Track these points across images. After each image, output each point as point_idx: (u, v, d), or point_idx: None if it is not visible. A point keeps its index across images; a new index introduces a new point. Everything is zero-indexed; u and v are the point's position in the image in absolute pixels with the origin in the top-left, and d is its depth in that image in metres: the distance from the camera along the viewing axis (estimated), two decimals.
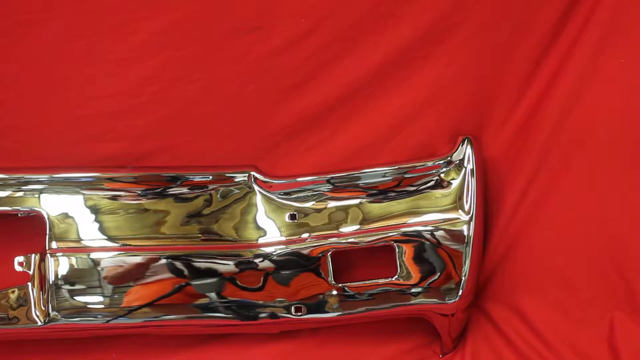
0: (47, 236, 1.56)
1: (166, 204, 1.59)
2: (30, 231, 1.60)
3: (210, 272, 1.58)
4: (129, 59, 1.57)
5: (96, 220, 1.58)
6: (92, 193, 1.58)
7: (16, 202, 1.57)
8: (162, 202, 1.59)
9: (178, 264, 1.57)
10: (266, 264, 1.57)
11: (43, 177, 1.58)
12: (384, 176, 1.61)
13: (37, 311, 1.56)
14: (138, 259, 1.57)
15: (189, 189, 1.59)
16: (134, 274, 1.57)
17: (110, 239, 1.57)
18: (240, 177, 1.60)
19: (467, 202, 1.58)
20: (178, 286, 1.57)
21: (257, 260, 1.57)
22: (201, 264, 1.57)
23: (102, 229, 1.58)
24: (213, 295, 1.57)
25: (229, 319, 1.59)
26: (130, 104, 1.59)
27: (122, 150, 1.61)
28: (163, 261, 1.57)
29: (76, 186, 1.58)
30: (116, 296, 1.56)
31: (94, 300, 1.56)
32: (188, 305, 1.57)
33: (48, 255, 1.55)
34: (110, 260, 1.56)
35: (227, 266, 1.57)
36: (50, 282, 1.55)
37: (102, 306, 1.56)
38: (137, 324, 1.57)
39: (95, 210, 1.58)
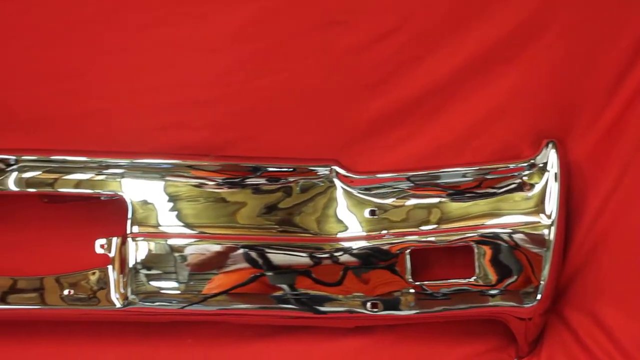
0: (129, 220, 1.56)
1: (245, 194, 1.59)
2: (111, 215, 1.61)
3: (286, 264, 1.58)
4: (215, 49, 1.58)
5: (175, 206, 1.59)
6: (172, 180, 1.59)
7: (97, 185, 1.59)
8: (241, 191, 1.60)
9: (254, 254, 1.57)
10: (345, 258, 1.57)
11: (124, 161, 1.59)
12: (464, 176, 1.60)
13: (116, 294, 1.57)
14: (214, 247, 1.57)
15: (268, 180, 1.60)
16: (210, 262, 1.57)
17: (188, 226, 1.58)
18: (322, 171, 1.60)
19: (549, 206, 1.56)
20: (253, 276, 1.57)
21: (336, 255, 1.57)
22: (278, 255, 1.57)
23: (180, 216, 1.58)
24: (289, 286, 1.57)
25: (304, 311, 1.58)
26: (214, 93, 1.60)
27: (205, 138, 1.61)
28: (239, 250, 1.57)
29: (157, 172, 1.59)
30: (192, 283, 1.56)
31: (170, 285, 1.57)
32: (263, 295, 1.58)
33: (129, 239, 1.56)
34: (186, 247, 1.57)
35: (305, 259, 1.57)
36: (130, 266, 1.56)
37: (177, 292, 1.56)
38: (212, 311, 1.58)
39: (174, 196, 1.59)
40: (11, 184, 1.58)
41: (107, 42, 1.57)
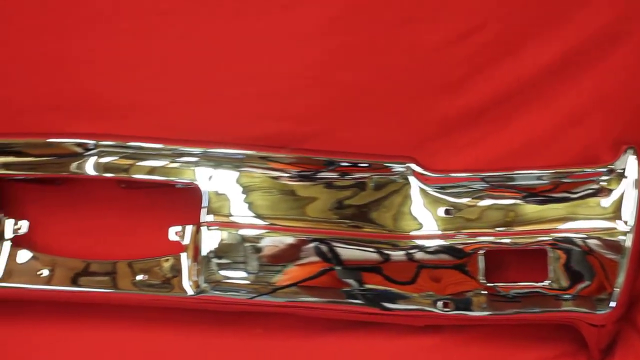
0: (204, 209, 1.57)
1: (317, 188, 1.59)
2: (185, 203, 1.62)
3: (357, 259, 1.57)
4: (297, 41, 1.58)
5: (247, 197, 1.59)
6: (245, 170, 1.59)
7: (172, 173, 1.59)
8: (313, 185, 1.60)
9: (324, 248, 1.57)
10: (418, 256, 1.56)
11: (197, 150, 1.60)
12: (540, 179, 1.59)
13: (189, 281, 1.58)
14: (285, 240, 1.57)
15: (342, 174, 1.60)
16: (280, 254, 1.57)
17: (259, 217, 1.58)
18: (398, 168, 1.59)
19: (626, 212, 1.54)
20: (323, 270, 1.57)
21: (409, 252, 1.57)
22: (348, 250, 1.57)
23: (252, 207, 1.59)
24: (358, 282, 1.57)
25: (373, 308, 1.58)
26: (296, 85, 1.60)
27: (283, 130, 1.62)
28: (309, 244, 1.57)
29: (230, 162, 1.59)
30: (261, 274, 1.56)
31: (240, 275, 1.57)
32: (332, 289, 1.57)
33: (204, 227, 1.56)
34: (257, 238, 1.57)
35: (377, 255, 1.57)
36: (204, 254, 1.56)
37: (247, 282, 1.57)
38: (281, 303, 1.58)
39: (247, 187, 1.59)
40: (89, 169, 1.60)
41: (192, 31, 1.58)
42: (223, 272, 1.57)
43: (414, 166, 1.60)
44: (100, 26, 1.59)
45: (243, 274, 1.57)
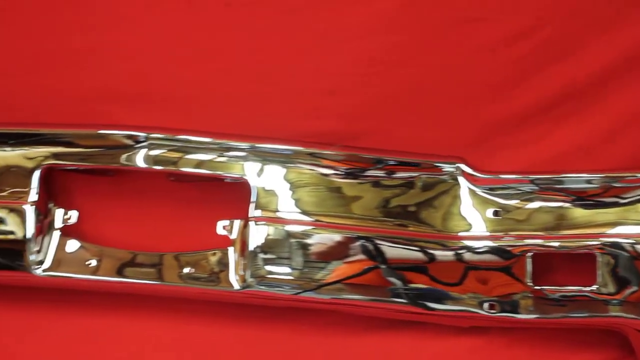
0: (252, 204, 1.57)
1: (365, 185, 1.59)
2: (232, 197, 1.63)
3: (403, 258, 1.57)
4: (351, 39, 1.58)
5: (294, 193, 1.59)
6: (294, 166, 1.59)
7: (219, 167, 1.60)
8: (361, 182, 1.59)
9: (370, 246, 1.56)
10: (466, 257, 1.56)
11: (245, 145, 1.60)
12: (590, 183, 1.58)
13: (235, 275, 1.58)
14: (330, 236, 1.57)
15: (390, 173, 1.59)
16: (325, 251, 1.57)
17: (305, 213, 1.58)
18: (447, 168, 1.59)
19: None
20: (367, 268, 1.57)
21: (457, 253, 1.56)
22: (394, 248, 1.57)
23: (298, 203, 1.59)
24: (404, 281, 1.56)
25: (418, 307, 1.57)
26: (346, 83, 1.60)
27: (333, 128, 1.62)
28: (355, 241, 1.57)
29: (278, 158, 1.59)
30: (306, 270, 1.56)
31: (286, 271, 1.57)
32: (377, 288, 1.57)
33: (252, 222, 1.56)
34: (303, 234, 1.57)
35: (423, 254, 1.56)
36: (251, 249, 1.56)
37: (292, 278, 1.57)
38: (326, 300, 1.58)
39: (294, 183, 1.59)
40: (139, 161, 1.60)
41: (246, 26, 1.59)
42: (269, 267, 1.57)
43: (463, 167, 1.59)
44: (157, 19, 1.60)
45: (288, 270, 1.57)
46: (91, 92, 1.63)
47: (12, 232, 1.59)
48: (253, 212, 1.58)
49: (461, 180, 1.58)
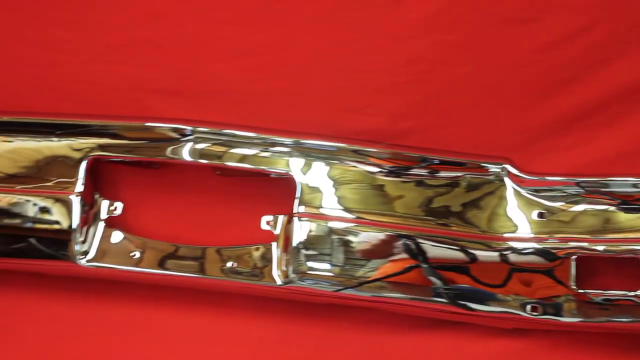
0: (297, 199, 1.57)
1: (408, 184, 1.59)
2: (276, 193, 1.63)
3: (445, 258, 1.56)
4: (400, 37, 1.58)
5: (337, 189, 1.59)
6: (338, 163, 1.59)
7: (263, 162, 1.60)
8: (405, 181, 1.59)
9: (412, 245, 1.56)
10: (510, 258, 1.55)
11: (289, 140, 1.60)
12: (636, 187, 1.57)
13: (277, 271, 1.58)
14: (372, 234, 1.57)
15: (435, 172, 1.59)
16: (367, 248, 1.57)
17: (348, 210, 1.58)
18: (494, 168, 1.58)
19: None
20: (409, 266, 1.56)
21: (501, 254, 1.55)
22: (437, 248, 1.56)
23: (341, 200, 1.59)
24: (446, 280, 1.56)
25: (460, 307, 1.57)
26: (393, 81, 1.60)
27: (379, 126, 1.62)
28: (397, 239, 1.57)
29: (324, 154, 1.60)
30: (347, 267, 1.56)
31: (327, 268, 1.57)
32: (419, 286, 1.57)
33: (295, 218, 1.56)
34: (345, 231, 1.57)
35: (467, 255, 1.56)
36: (294, 245, 1.56)
37: (334, 275, 1.57)
38: (367, 297, 1.57)
39: (338, 179, 1.59)
40: (185, 154, 1.61)
41: (296, 21, 1.59)
42: (311, 264, 1.57)
43: (509, 167, 1.58)
44: (209, 14, 1.60)
45: (330, 267, 1.57)
46: (134, 85, 1.65)
47: (57, 222, 1.61)
48: (297, 207, 1.57)
49: (507, 181, 1.58)
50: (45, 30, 1.65)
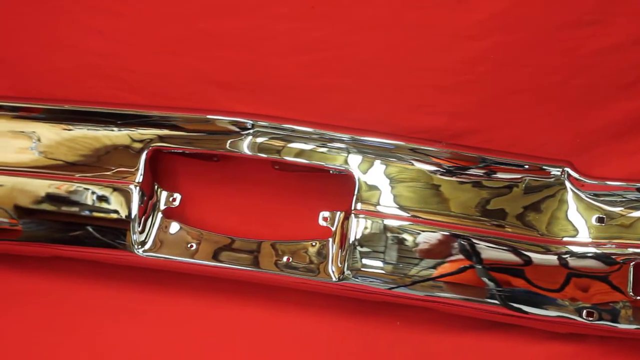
0: (355, 197, 1.57)
1: (465, 184, 1.58)
2: (334, 189, 1.63)
3: (500, 259, 1.55)
4: (462, 36, 1.57)
5: (394, 187, 1.59)
6: (395, 161, 1.59)
7: (323, 157, 1.60)
8: (462, 180, 1.59)
9: (466, 245, 1.56)
10: (568, 262, 1.54)
11: (346, 137, 1.60)
12: None
13: (333, 267, 1.58)
14: (427, 233, 1.57)
15: (495, 173, 1.58)
16: (421, 247, 1.57)
17: (403, 208, 1.58)
18: (554, 171, 1.57)
19: None
20: (463, 267, 1.56)
21: (560, 257, 1.54)
22: (492, 249, 1.56)
23: (397, 198, 1.59)
24: (502, 283, 1.55)
25: (514, 310, 1.56)
26: (455, 81, 1.59)
27: (438, 125, 1.61)
28: (451, 239, 1.56)
29: (381, 151, 1.60)
30: (401, 265, 1.56)
31: (381, 265, 1.57)
32: (472, 287, 1.56)
33: (353, 215, 1.57)
34: (399, 229, 1.57)
35: (524, 257, 1.55)
36: (350, 242, 1.56)
37: (387, 273, 1.57)
38: (419, 296, 1.57)
39: (394, 177, 1.59)
40: (245, 148, 1.61)
41: (357, 18, 1.59)
42: (366, 261, 1.57)
43: (570, 171, 1.57)
44: (272, 9, 1.61)
45: (384, 265, 1.57)
46: (194, 77, 1.65)
47: (116, 212, 1.62)
48: (355, 204, 1.57)
49: (567, 184, 1.57)
50: (105, 20, 1.66)
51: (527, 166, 1.58)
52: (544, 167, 1.58)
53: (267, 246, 1.63)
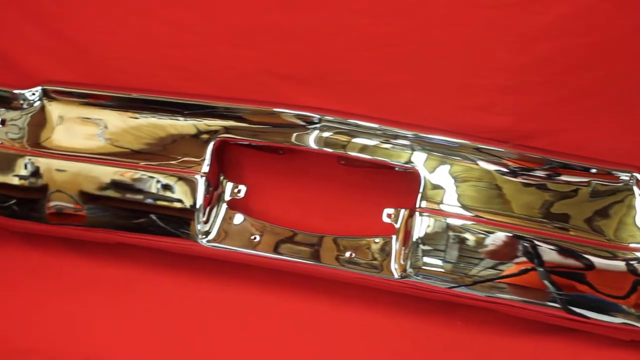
0: (420, 194, 1.57)
1: (532, 186, 1.57)
2: (398, 186, 1.63)
3: (563, 263, 1.54)
4: (531, 37, 1.57)
5: (458, 187, 1.58)
6: (459, 159, 1.59)
7: (387, 154, 1.60)
8: (528, 182, 1.57)
9: (529, 247, 1.54)
10: (636, 269, 1.52)
11: (410, 134, 1.59)
12: None
13: (395, 264, 1.58)
14: (490, 233, 1.56)
15: (560, 176, 1.57)
16: (483, 247, 1.56)
17: (465, 207, 1.57)
18: (623, 176, 1.55)
19: None
20: (526, 269, 1.54)
21: (628, 263, 1.52)
22: (554, 252, 1.54)
23: (461, 197, 1.58)
24: (564, 287, 1.54)
25: (577, 315, 1.54)
26: (523, 81, 1.58)
27: (504, 125, 1.61)
28: (514, 240, 1.55)
29: (445, 150, 1.59)
30: (463, 265, 1.56)
31: (442, 264, 1.56)
32: (534, 290, 1.55)
33: (417, 213, 1.56)
34: (462, 228, 1.56)
35: (588, 262, 1.53)
36: (413, 239, 1.56)
37: (449, 272, 1.56)
38: (480, 297, 1.56)
39: (458, 176, 1.59)
40: (311, 142, 1.62)
41: (427, 16, 1.58)
42: (428, 259, 1.57)
43: (639, 176, 1.55)
44: (339, 3, 1.61)
45: (447, 264, 1.56)
46: (261, 69, 1.66)
47: (181, 201, 1.63)
48: (420, 202, 1.57)
49: (636, 190, 1.55)
50: (177, 11, 1.67)
51: (594, 170, 1.56)
52: (613, 171, 1.56)
53: (329, 241, 1.64)
